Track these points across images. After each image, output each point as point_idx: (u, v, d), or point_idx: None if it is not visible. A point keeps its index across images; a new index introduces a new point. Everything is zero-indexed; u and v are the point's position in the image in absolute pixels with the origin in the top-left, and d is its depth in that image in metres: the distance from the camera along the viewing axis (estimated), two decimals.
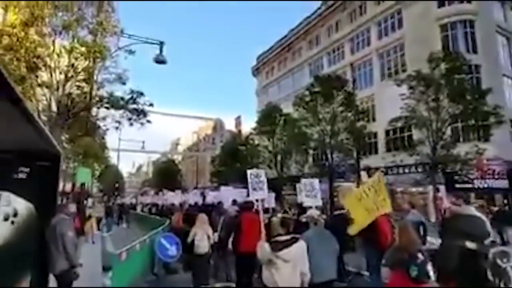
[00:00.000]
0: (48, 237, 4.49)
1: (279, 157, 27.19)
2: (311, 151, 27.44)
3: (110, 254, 7.34)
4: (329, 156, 22.04)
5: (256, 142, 31.14)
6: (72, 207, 5.81)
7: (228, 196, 11.99)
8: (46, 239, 4.39)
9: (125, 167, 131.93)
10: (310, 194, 7.53)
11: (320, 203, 7.42)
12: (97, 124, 15.87)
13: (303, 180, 7.93)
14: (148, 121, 14.57)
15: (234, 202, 9.98)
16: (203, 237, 6.84)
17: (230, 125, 55.77)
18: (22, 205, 3.87)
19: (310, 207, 6.63)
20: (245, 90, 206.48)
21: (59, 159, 4.18)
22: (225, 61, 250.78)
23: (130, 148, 44.56)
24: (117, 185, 51.24)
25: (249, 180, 5.82)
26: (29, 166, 4.03)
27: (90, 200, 26.45)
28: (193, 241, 6.83)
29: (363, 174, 10.25)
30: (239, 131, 40.81)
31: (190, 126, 66.98)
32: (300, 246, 3.82)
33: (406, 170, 20.96)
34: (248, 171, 5.99)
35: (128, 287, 6.64)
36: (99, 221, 19.69)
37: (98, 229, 19.89)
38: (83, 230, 13.01)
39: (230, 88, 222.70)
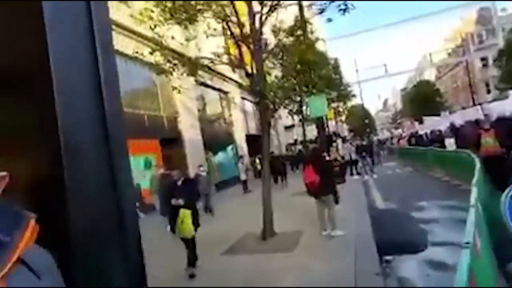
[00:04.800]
0: None
1: None
2: None
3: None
4: None
5: None
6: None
7: None
8: None
9: (370, 105, 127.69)
10: None
11: None
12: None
13: None
14: None
15: None
16: None
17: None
18: None
19: None
20: None
21: None
22: None
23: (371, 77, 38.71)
24: (366, 121, 47.35)
25: None
26: None
27: (339, 142, 23.44)
28: None
29: None
30: None
31: (439, 34, 52.78)
32: None
33: None
34: None
35: None
36: (347, 163, 15.81)
37: (351, 173, 16.08)
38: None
39: None
